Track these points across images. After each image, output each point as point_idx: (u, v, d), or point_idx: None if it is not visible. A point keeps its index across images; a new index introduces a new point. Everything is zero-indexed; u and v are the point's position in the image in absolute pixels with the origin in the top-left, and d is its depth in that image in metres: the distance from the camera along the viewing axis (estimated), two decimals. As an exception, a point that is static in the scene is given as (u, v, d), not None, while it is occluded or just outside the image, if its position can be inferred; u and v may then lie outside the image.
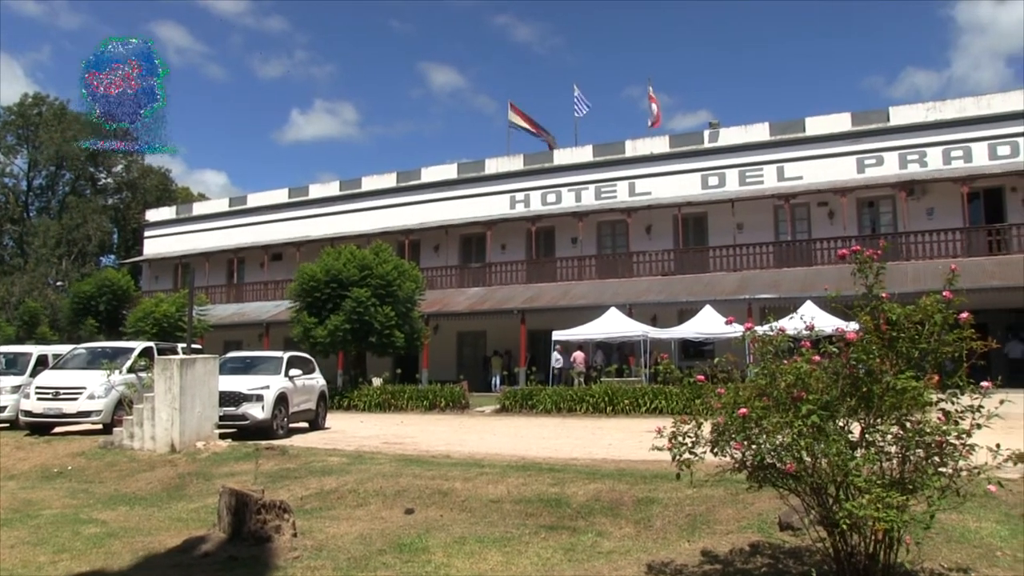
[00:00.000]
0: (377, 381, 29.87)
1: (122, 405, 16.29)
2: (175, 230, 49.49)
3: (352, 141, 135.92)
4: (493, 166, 40.83)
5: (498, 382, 33.38)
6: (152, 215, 52.61)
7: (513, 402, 24.54)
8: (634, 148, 37.75)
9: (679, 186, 35.88)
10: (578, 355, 30.82)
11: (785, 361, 5.58)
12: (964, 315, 5.31)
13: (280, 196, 46.84)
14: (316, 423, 19.62)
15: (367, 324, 27.75)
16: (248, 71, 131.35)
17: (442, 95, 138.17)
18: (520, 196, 39.43)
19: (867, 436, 5.34)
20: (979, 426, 5.15)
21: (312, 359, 21.33)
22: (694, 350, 30.71)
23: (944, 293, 5.31)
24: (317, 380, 20.26)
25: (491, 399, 27.44)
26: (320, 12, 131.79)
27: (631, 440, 14.32)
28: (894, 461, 5.35)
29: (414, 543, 7.43)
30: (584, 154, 38.96)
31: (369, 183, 44.07)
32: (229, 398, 16.23)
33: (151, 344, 19.69)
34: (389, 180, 43.42)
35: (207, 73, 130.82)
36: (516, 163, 40.34)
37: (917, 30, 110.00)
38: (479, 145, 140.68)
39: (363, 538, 7.70)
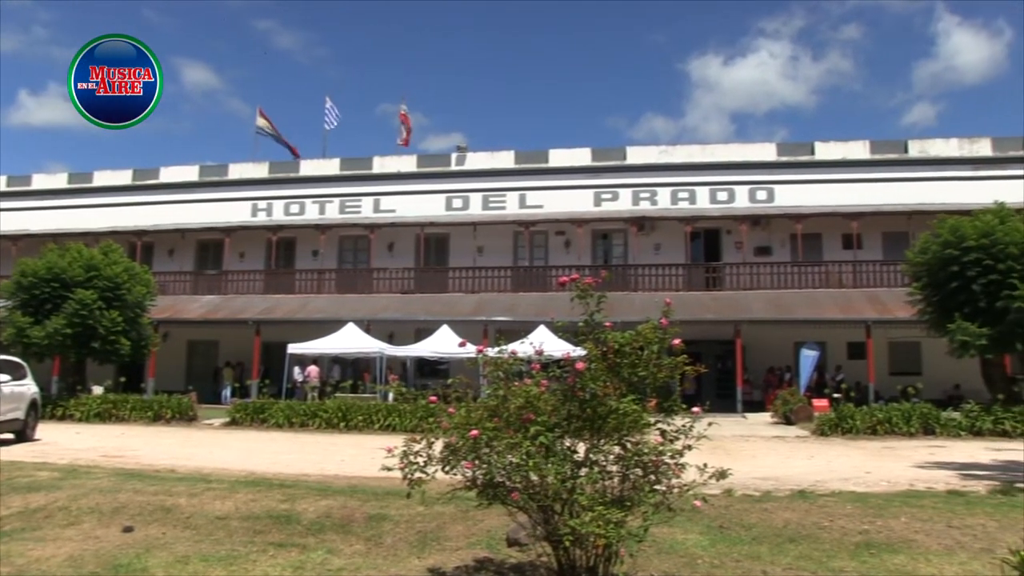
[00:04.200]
0: (98, 389, 27.86)
1: None
2: None
3: (90, 132, 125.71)
4: (237, 171, 39.34)
5: (229, 394, 32.11)
6: None
7: (244, 415, 23.68)
8: (382, 165, 37.89)
9: (424, 206, 36.29)
10: (312, 369, 30.34)
11: (516, 383, 5.76)
12: (676, 341, 5.76)
13: (-4, 184, 42.43)
14: (24, 434, 17.93)
15: (91, 328, 25.78)
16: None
17: (195, 94, 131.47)
18: (263, 204, 38.27)
19: (591, 456, 5.62)
20: (690, 447, 5.59)
21: (24, 364, 19.56)
22: (430, 369, 31.14)
23: (661, 321, 5.72)
24: (28, 387, 18.53)
25: (221, 412, 26.30)
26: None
27: (364, 456, 14.18)
28: (615, 480, 5.68)
29: (132, 563, 6.97)
30: (331, 167, 38.57)
31: (101, 178, 40.86)
32: (-81, 406, 14.58)
33: None
34: (124, 177, 40.50)
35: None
36: (261, 170, 39.18)
37: (657, 79, 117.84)
38: (228, 149, 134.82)
39: (73, 560, 7.11)
